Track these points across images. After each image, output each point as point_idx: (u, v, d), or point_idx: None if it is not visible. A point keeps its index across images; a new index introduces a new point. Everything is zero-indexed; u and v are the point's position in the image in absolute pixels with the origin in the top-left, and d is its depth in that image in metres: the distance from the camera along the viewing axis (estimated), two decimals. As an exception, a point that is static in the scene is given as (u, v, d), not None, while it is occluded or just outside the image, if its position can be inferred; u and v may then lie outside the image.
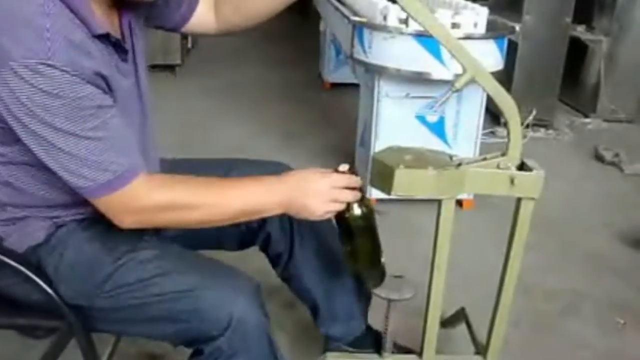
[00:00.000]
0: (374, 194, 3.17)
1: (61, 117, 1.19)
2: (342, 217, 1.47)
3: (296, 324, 2.03)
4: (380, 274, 1.63)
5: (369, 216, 1.49)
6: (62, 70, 1.16)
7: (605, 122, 5.03)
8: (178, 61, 5.77)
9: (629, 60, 4.99)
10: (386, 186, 1.49)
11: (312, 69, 6.02)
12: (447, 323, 2.16)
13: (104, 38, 1.28)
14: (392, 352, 1.77)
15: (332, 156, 3.97)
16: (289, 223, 1.72)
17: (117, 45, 1.33)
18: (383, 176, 1.49)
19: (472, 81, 1.47)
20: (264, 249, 1.80)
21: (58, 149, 1.21)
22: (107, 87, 1.27)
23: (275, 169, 1.65)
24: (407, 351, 1.83)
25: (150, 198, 1.31)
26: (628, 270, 2.80)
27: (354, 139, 3.63)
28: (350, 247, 1.53)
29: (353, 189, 1.43)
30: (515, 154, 1.53)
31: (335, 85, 5.60)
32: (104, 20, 1.31)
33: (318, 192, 1.40)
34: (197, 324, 1.34)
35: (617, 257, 2.94)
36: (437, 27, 1.45)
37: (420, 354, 1.77)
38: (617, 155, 4.14)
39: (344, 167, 1.44)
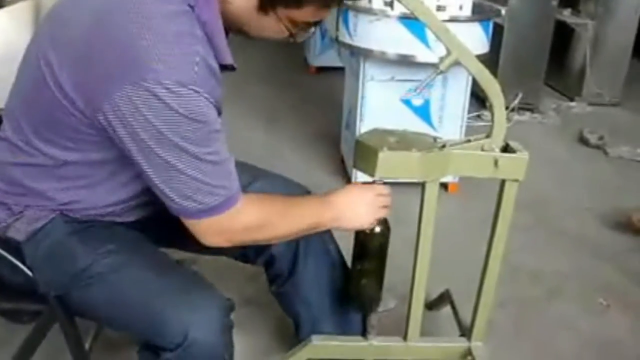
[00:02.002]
0: (359, 177, 3.19)
1: (189, 140, 1.19)
2: (361, 232, 1.58)
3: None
4: (379, 298, 1.67)
5: (386, 235, 1.59)
6: (203, 96, 1.18)
7: (590, 105, 5.05)
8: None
9: (614, 44, 5.00)
10: (370, 168, 1.48)
11: (297, 54, 5.99)
12: (432, 305, 2.17)
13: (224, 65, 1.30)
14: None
15: (318, 140, 3.96)
16: (295, 246, 1.73)
17: (228, 70, 1.33)
18: (367, 158, 1.48)
19: (457, 63, 1.46)
20: (266, 267, 1.81)
21: (176, 170, 1.21)
22: (218, 108, 1.28)
23: (296, 189, 1.74)
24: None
25: (243, 220, 1.34)
26: (611, 253, 2.82)
27: (339, 122, 3.62)
28: (361, 264, 1.61)
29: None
30: (499, 136, 1.52)
31: (320, 70, 5.58)
32: (225, 42, 1.29)
33: (366, 202, 1.53)
34: (151, 334, 1.33)
35: (600, 239, 2.96)
36: (421, 9, 1.44)
37: (404, 336, 1.77)
38: (601, 138, 4.15)
39: (379, 182, 1.55)
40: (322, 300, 1.78)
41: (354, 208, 1.53)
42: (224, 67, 1.30)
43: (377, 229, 1.56)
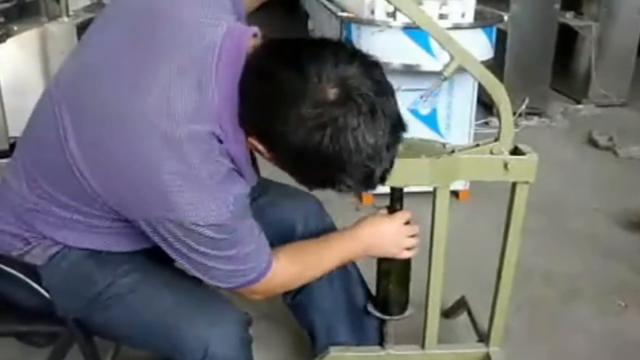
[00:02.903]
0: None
1: (221, 250, 1.24)
2: None
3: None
4: (405, 301, 1.69)
5: None
6: (234, 224, 1.21)
7: (598, 107, 5.03)
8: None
9: (619, 45, 4.99)
10: (380, 177, 1.48)
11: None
12: (449, 313, 2.17)
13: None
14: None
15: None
16: None
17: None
18: (376, 167, 1.49)
19: (461, 69, 1.47)
20: None
21: (211, 268, 1.27)
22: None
23: (305, 202, 1.77)
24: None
25: (278, 281, 1.40)
26: (625, 253, 2.81)
27: (347, 135, 3.61)
28: (387, 265, 1.64)
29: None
30: (507, 139, 1.53)
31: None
32: (252, 170, 1.30)
33: (391, 232, 1.56)
34: (171, 351, 1.35)
35: (614, 240, 2.94)
36: (422, 18, 1.46)
37: (422, 345, 1.77)
38: (611, 139, 4.14)
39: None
40: (337, 308, 1.78)
41: (382, 239, 1.57)
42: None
43: None
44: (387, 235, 1.56)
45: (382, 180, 1.22)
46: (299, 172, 1.22)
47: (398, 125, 1.18)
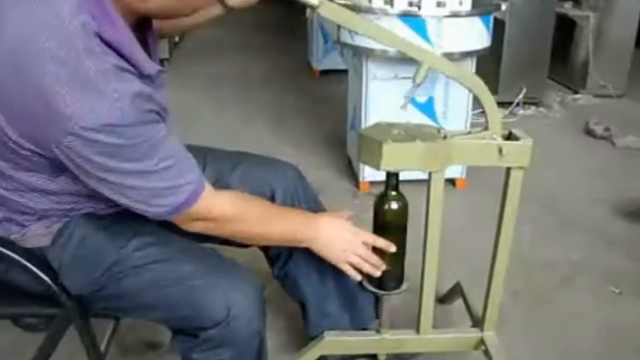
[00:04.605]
0: (367, 177, 3.20)
1: (133, 162, 1.20)
2: (378, 209, 1.60)
3: (295, 308, 2.03)
4: (400, 276, 1.68)
5: (403, 213, 1.61)
6: (132, 125, 1.17)
7: (595, 97, 5.04)
8: (166, 55, 5.73)
9: (617, 35, 4.99)
10: (375, 161, 1.49)
11: (301, 58, 6.01)
12: (444, 299, 2.18)
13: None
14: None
15: (324, 142, 3.97)
16: None
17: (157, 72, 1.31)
18: (371, 151, 1.49)
19: (432, 70, 1.48)
20: (266, 249, 1.81)
21: (132, 188, 1.24)
22: (159, 114, 1.27)
23: (283, 169, 1.75)
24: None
25: (220, 209, 1.38)
26: (622, 241, 2.82)
27: (344, 123, 3.63)
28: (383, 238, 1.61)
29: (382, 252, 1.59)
30: (496, 125, 1.54)
31: (324, 73, 5.59)
32: (144, 54, 1.25)
33: (347, 241, 1.57)
34: (193, 316, 1.35)
35: (611, 229, 2.95)
36: (380, 33, 1.51)
37: (417, 329, 1.78)
38: (607, 129, 4.14)
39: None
40: (325, 277, 1.77)
41: (333, 240, 1.56)
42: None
43: (395, 206, 1.59)
44: (340, 241, 1.56)
45: None
46: None
47: None
